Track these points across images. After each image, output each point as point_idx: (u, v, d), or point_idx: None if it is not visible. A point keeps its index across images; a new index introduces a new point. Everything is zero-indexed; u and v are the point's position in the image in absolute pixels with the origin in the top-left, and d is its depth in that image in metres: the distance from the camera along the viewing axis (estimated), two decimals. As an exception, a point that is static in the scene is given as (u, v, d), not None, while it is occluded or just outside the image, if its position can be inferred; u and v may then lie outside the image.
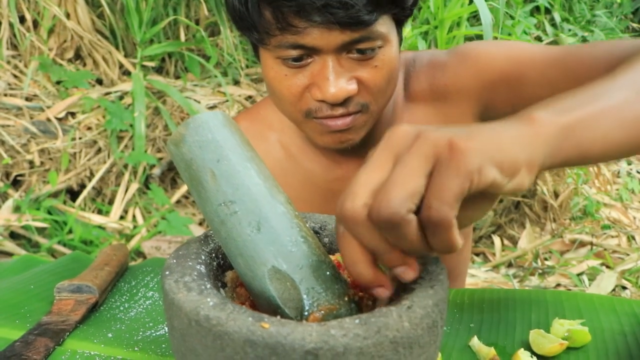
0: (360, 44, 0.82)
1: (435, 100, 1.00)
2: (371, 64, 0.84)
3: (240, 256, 0.55)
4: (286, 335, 0.45)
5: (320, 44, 0.81)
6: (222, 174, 0.55)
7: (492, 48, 0.97)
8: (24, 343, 0.72)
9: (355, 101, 0.86)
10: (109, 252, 0.99)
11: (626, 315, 0.83)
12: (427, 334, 0.50)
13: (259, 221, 0.54)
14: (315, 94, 0.84)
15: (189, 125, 0.56)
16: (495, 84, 0.95)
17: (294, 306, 0.54)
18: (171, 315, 0.52)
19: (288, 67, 0.84)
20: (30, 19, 2.64)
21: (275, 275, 0.54)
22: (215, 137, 0.56)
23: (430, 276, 0.55)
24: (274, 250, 0.54)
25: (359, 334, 0.46)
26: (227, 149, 0.56)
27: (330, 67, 0.82)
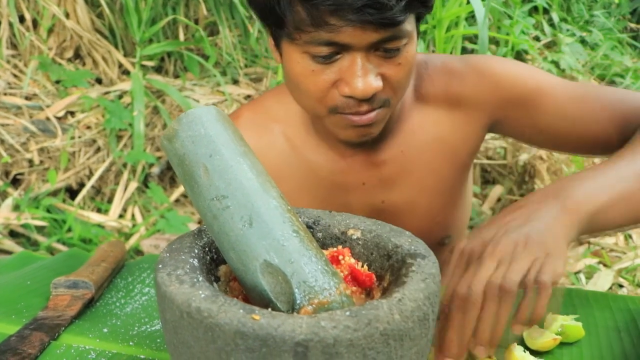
0: (389, 43, 0.83)
1: (448, 106, 1.01)
2: (395, 61, 0.85)
3: (233, 250, 0.55)
4: (277, 327, 0.46)
5: (353, 41, 0.81)
6: (215, 168, 0.55)
7: (515, 67, 1.00)
8: (20, 337, 0.72)
9: (379, 97, 0.86)
10: (106, 248, 0.99)
11: (620, 311, 0.83)
12: (418, 327, 0.50)
13: (251, 216, 0.55)
14: (344, 90, 0.84)
15: (182, 121, 0.56)
16: (513, 103, 0.98)
17: (285, 300, 0.54)
18: (163, 307, 0.52)
19: (316, 63, 0.84)
20: (29, 18, 2.65)
21: (267, 269, 0.54)
22: (208, 132, 0.56)
23: (423, 269, 0.55)
24: (265, 245, 0.55)
25: (349, 325, 0.46)
26: (219, 144, 0.56)
27: (359, 64, 0.83)
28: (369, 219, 0.67)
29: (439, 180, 1.04)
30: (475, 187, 2.62)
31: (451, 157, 1.03)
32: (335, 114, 0.88)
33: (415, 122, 1.01)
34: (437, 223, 1.08)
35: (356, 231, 0.65)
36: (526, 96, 0.97)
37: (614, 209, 0.75)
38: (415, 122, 1.01)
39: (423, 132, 1.01)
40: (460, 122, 1.01)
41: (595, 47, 3.87)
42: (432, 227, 1.06)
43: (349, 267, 0.61)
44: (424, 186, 1.03)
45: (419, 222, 1.04)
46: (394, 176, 1.02)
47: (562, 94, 0.96)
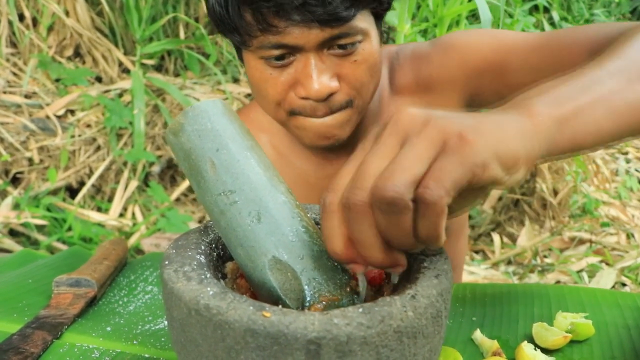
0: (340, 40, 0.82)
1: (421, 92, 1.00)
2: (351, 59, 0.85)
3: (241, 247, 0.54)
4: (288, 324, 0.44)
5: (301, 42, 0.81)
6: (222, 163, 0.54)
7: (475, 37, 0.98)
8: (22, 336, 0.71)
9: (338, 99, 0.86)
10: (108, 246, 0.98)
11: (629, 308, 0.82)
12: (432, 324, 0.49)
13: (259, 211, 0.54)
14: (299, 92, 0.85)
15: (188, 114, 0.55)
16: (480, 72, 0.96)
17: (295, 297, 0.53)
18: (170, 305, 0.51)
19: (272, 67, 0.85)
20: (29, 16, 2.64)
21: (275, 265, 0.53)
22: (215, 126, 0.55)
23: (435, 265, 0.54)
24: (274, 241, 0.53)
25: (363, 323, 0.45)
26: (226, 137, 0.55)
27: (312, 64, 0.83)
28: None
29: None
30: (476, 185, 2.61)
31: None
32: (295, 116, 0.88)
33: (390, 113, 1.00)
34: None
35: (365, 227, 0.63)
36: (491, 62, 0.95)
37: (591, 110, 0.56)
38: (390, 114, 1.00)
39: None
40: (436, 105, 0.99)
41: (596, 45, 3.86)
42: None
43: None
44: None
45: None
46: None
47: (525, 47, 0.92)
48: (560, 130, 0.54)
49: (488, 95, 0.99)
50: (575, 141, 0.55)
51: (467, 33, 1.01)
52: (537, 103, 0.53)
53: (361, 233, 0.47)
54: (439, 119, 0.47)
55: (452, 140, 0.45)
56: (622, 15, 4.41)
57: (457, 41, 0.98)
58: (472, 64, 0.96)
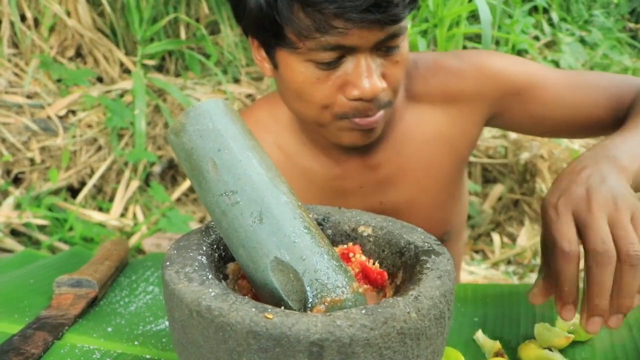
0: (391, 41, 0.83)
1: (445, 103, 1.01)
2: (393, 60, 0.85)
3: (242, 247, 0.54)
4: (290, 326, 0.44)
5: (359, 43, 0.80)
6: (224, 163, 0.54)
7: (509, 62, 1.02)
8: (23, 337, 0.71)
9: (382, 98, 0.87)
10: (109, 246, 0.98)
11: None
12: (435, 325, 0.49)
13: (261, 212, 0.53)
14: (351, 93, 0.83)
15: (189, 114, 0.55)
16: (509, 96, 0.99)
17: (297, 298, 0.53)
18: (172, 306, 0.51)
19: (321, 70, 0.83)
20: (31, 17, 2.63)
21: (278, 266, 0.53)
22: (216, 126, 0.55)
23: (438, 266, 0.54)
24: (276, 242, 0.53)
25: (366, 324, 0.45)
26: (228, 137, 0.55)
27: (364, 65, 0.82)
28: (379, 215, 0.66)
29: (438, 176, 1.04)
30: (476, 185, 2.61)
31: (450, 152, 1.03)
32: (343, 119, 0.87)
33: (409, 122, 1.01)
34: (437, 219, 1.08)
35: (367, 228, 0.63)
36: (521, 88, 0.98)
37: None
38: (409, 122, 1.01)
39: (419, 131, 1.01)
40: (457, 117, 1.01)
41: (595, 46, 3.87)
42: (431, 224, 1.05)
43: (360, 265, 0.59)
44: (422, 184, 1.03)
45: (418, 219, 1.03)
46: (391, 177, 1.02)
47: (556, 83, 0.97)
48: (635, 180, 0.72)
49: (509, 120, 1.02)
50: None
51: (499, 55, 1.04)
52: (620, 156, 0.72)
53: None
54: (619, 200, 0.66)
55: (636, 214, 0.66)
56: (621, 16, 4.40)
57: (490, 62, 1.01)
58: (502, 86, 0.99)
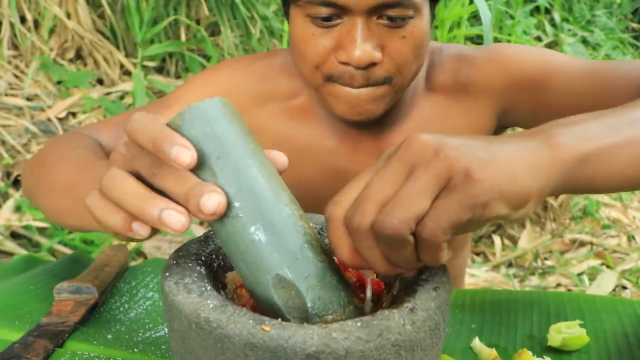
0: (391, 10, 0.80)
1: (457, 93, 0.98)
2: (399, 34, 0.83)
3: (243, 261, 0.52)
4: (287, 338, 0.45)
5: (351, 3, 0.79)
6: (223, 172, 0.51)
7: (523, 51, 0.97)
8: (23, 345, 0.71)
9: (378, 73, 0.84)
10: (109, 252, 0.99)
11: (628, 315, 0.83)
12: (430, 337, 0.49)
13: (264, 226, 0.51)
14: (340, 56, 0.83)
15: (185, 116, 0.51)
16: (521, 86, 0.95)
17: (298, 316, 0.52)
18: (171, 317, 0.51)
19: (316, 27, 0.83)
20: (31, 19, 2.64)
21: (280, 283, 0.52)
22: (215, 131, 0.51)
23: (433, 278, 0.54)
24: (278, 258, 0.52)
25: (361, 337, 0.45)
26: (227, 144, 0.51)
27: (359, 29, 0.81)
28: None
29: None
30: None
31: None
32: (331, 83, 0.86)
33: (425, 110, 0.99)
34: None
35: (364, 238, 0.64)
36: (534, 78, 0.93)
37: (617, 153, 0.54)
38: (425, 111, 0.99)
39: (431, 120, 0.99)
40: (469, 109, 0.99)
41: (597, 47, 3.87)
42: None
43: (357, 275, 0.60)
44: None
45: None
46: None
47: (571, 70, 0.91)
48: (580, 168, 0.52)
49: (523, 112, 0.97)
50: (594, 182, 0.54)
51: (516, 45, 1.00)
52: (563, 134, 0.52)
53: (364, 251, 0.49)
54: (450, 149, 0.47)
55: (457, 177, 0.45)
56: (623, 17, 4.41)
57: (504, 50, 0.97)
58: (514, 75, 0.95)
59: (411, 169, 0.47)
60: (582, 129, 0.54)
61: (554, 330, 0.75)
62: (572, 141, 0.52)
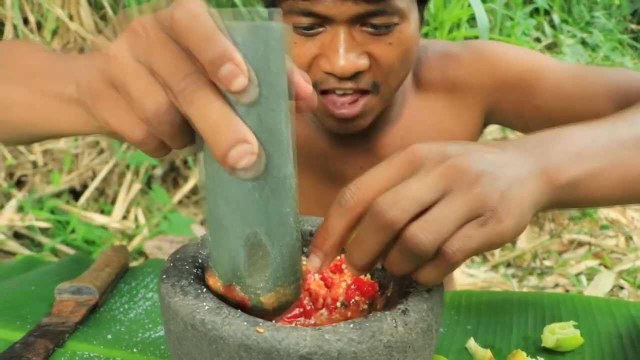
0: (375, 18, 0.79)
1: (446, 91, 0.98)
2: (385, 41, 0.81)
3: (227, 204, 0.47)
4: (281, 340, 0.46)
5: (332, 13, 0.78)
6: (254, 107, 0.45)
7: (511, 51, 0.97)
8: (25, 345, 0.72)
9: (366, 78, 0.83)
10: (110, 253, 1.00)
11: (622, 317, 0.83)
12: (422, 338, 0.50)
13: (267, 180, 0.47)
14: (324, 66, 0.82)
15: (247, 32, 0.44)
16: (509, 85, 0.95)
17: (256, 278, 0.51)
18: (167, 319, 0.52)
19: (298, 35, 0.81)
20: (33, 20, 2.65)
21: (253, 240, 0.49)
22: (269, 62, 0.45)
23: (425, 280, 0.55)
24: (265, 218, 0.48)
25: (353, 338, 0.46)
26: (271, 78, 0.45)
27: (341, 39, 0.79)
28: None
29: None
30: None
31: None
32: (318, 93, 0.84)
33: (414, 108, 0.99)
34: None
35: (359, 240, 0.65)
36: (522, 78, 0.94)
37: (604, 177, 0.57)
38: (414, 109, 0.99)
39: (422, 119, 0.99)
40: (457, 108, 0.99)
41: (596, 48, 3.88)
42: None
43: (352, 276, 0.61)
44: None
45: None
46: None
47: (560, 73, 0.92)
48: (570, 191, 0.55)
49: (509, 112, 0.97)
50: (579, 201, 0.57)
51: (505, 45, 1.00)
52: (558, 155, 0.55)
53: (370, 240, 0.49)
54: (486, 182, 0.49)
55: (488, 215, 0.48)
56: (622, 18, 4.41)
57: (493, 50, 0.97)
58: (502, 75, 0.95)
59: (449, 188, 0.49)
60: (575, 146, 0.57)
61: (548, 331, 0.75)
62: (567, 164, 0.55)
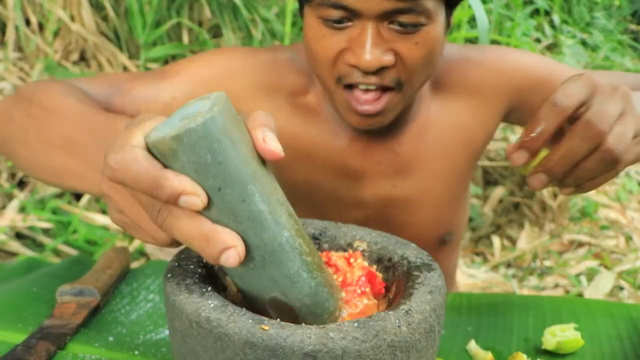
0: (403, 16, 0.81)
1: (466, 94, 1.01)
2: (412, 40, 0.83)
3: (241, 281, 0.53)
4: (285, 337, 0.46)
5: (361, 7, 0.79)
6: (224, 205, 0.47)
7: (530, 56, 1.04)
8: (26, 347, 0.72)
9: (390, 75, 0.85)
10: (111, 254, 1.00)
11: (623, 319, 0.83)
12: (425, 339, 0.51)
13: (264, 256, 0.50)
14: (349, 59, 0.83)
15: (182, 141, 0.44)
16: (530, 89, 1.01)
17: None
18: (172, 316, 0.53)
19: (327, 28, 0.83)
20: (35, 22, 2.65)
21: (275, 303, 0.53)
22: (216, 158, 0.45)
23: (429, 282, 0.56)
24: (276, 284, 0.52)
25: (357, 337, 0.47)
26: (229, 171, 0.46)
27: (368, 33, 0.81)
28: (374, 230, 0.67)
29: (454, 167, 1.04)
30: (477, 188, 2.63)
31: (467, 144, 1.04)
32: (342, 88, 0.86)
33: (433, 110, 1.01)
34: (444, 216, 1.07)
35: (362, 243, 0.65)
36: (541, 81, 1.00)
37: None
38: (433, 110, 1.01)
39: (441, 120, 1.01)
40: (477, 109, 1.02)
41: (596, 48, 3.88)
42: (438, 220, 1.05)
43: (363, 269, 0.61)
44: (437, 173, 1.03)
45: (427, 212, 1.04)
46: (409, 161, 1.01)
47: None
48: None
49: (527, 112, 1.03)
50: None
51: (520, 51, 1.06)
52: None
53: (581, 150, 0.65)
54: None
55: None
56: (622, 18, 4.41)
57: (511, 56, 1.03)
58: (522, 79, 1.01)
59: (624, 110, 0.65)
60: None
61: (548, 334, 0.76)
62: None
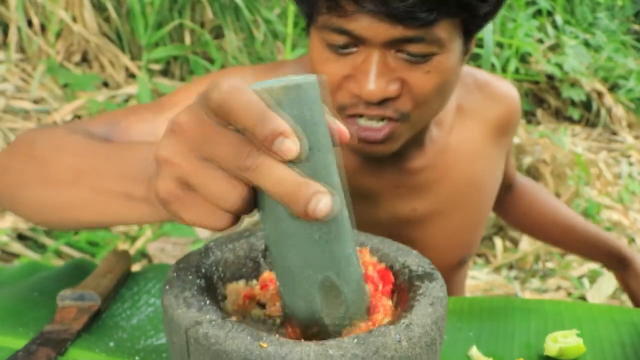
0: (411, 46, 0.75)
1: (490, 127, 1.02)
2: (423, 69, 0.77)
3: (296, 256, 0.49)
4: (284, 355, 0.46)
5: (367, 34, 0.74)
6: (310, 166, 0.46)
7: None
8: (27, 353, 0.72)
9: (394, 106, 0.79)
10: (112, 258, 1.00)
11: (625, 325, 0.83)
12: (426, 353, 0.50)
13: (330, 230, 0.48)
14: (352, 88, 0.78)
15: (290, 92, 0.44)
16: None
17: (332, 315, 0.53)
18: (170, 331, 0.52)
19: (330, 52, 0.78)
20: (37, 23, 2.66)
21: (326, 284, 0.51)
22: (314, 118, 0.46)
23: (430, 292, 0.55)
24: (333, 262, 0.50)
25: (357, 354, 0.46)
26: (320, 134, 0.47)
27: (373, 62, 0.76)
28: (376, 236, 0.66)
29: (475, 194, 1.00)
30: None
31: (491, 174, 1.02)
32: (344, 116, 0.81)
33: (458, 133, 0.98)
34: (463, 239, 1.03)
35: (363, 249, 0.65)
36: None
37: None
38: (458, 134, 0.98)
39: (466, 145, 0.98)
40: (500, 140, 1.04)
41: (599, 49, 3.87)
42: (458, 243, 1.02)
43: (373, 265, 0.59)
44: (459, 198, 0.98)
45: (446, 235, 1.00)
46: (430, 184, 0.97)
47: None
48: None
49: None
50: None
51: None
52: None
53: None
54: None
55: None
56: (625, 19, 4.40)
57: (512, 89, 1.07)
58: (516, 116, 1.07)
59: None
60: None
61: (550, 339, 0.75)
62: None
